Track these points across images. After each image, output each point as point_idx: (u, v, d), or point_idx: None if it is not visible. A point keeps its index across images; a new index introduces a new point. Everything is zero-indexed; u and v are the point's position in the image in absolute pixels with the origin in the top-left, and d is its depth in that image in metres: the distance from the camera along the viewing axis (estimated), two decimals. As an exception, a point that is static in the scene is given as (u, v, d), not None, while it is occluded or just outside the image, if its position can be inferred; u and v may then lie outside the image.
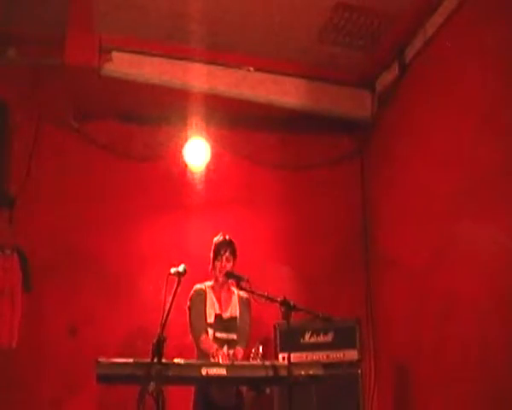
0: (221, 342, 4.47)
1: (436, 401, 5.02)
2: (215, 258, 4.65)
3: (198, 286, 4.67)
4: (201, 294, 4.62)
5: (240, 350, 4.52)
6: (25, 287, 5.56)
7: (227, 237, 4.71)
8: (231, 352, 4.45)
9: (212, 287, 4.68)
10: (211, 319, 4.54)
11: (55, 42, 5.21)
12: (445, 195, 5.07)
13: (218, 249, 4.64)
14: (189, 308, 4.62)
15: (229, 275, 4.49)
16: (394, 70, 5.90)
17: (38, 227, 5.74)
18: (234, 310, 4.65)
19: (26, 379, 5.39)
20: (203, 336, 4.49)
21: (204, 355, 4.38)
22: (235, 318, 4.63)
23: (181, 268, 4.02)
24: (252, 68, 5.93)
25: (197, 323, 4.54)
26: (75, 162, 5.98)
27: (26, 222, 5.69)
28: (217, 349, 4.32)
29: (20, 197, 5.72)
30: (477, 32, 4.73)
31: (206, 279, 4.72)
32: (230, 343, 4.51)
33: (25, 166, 5.80)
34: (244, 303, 4.68)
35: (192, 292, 4.65)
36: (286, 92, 6.02)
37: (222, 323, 4.56)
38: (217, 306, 4.61)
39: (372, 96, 6.24)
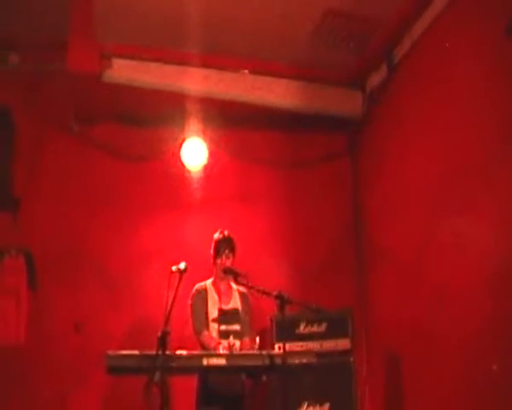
0: (226, 334, 4.61)
1: (427, 388, 5.13)
2: (215, 256, 4.79)
3: (199, 285, 4.82)
4: (202, 292, 4.77)
5: (247, 341, 4.68)
6: (30, 286, 5.66)
7: (226, 234, 4.83)
8: (237, 342, 4.58)
9: (213, 283, 4.84)
10: (214, 314, 4.69)
11: (56, 47, 5.26)
12: (433, 189, 5.20)
13: (218, 247, 4.78)
14: (191, 307, 4.75)
15: (227, 271, 4.61)
16: (383, 71, 6.05)
17: (43, 228, 5.83)
18: (235, 302, 4.80)
19: (32, 375, 5.48)
20: (204, 333, 4.63)
21: (206, 350, 4.51)
22: (237, 309, 4.78)
23: (182, 266, 4.14)
24: (246, 71, 6.05)
25: (198, 321, 4.69)
26: (76, 164, 6.07)
27: (31, 223, 5.77)
28: (217, 343, 4.48)
29: (24, 200, 5.80)
30: (462, 35, 4.87)
31: (204, 274, 4.86)
32: (235, 334, 4.64)
33: (28, 170, 5.88)
34: (244, 297, 4.84)
35: (193, 291, 4.80)
36: (280, 93, 6.12)
37: (225, 315, 4.71)
38: (218, 300, 4.76)
39: (362, 95, 6.36)
